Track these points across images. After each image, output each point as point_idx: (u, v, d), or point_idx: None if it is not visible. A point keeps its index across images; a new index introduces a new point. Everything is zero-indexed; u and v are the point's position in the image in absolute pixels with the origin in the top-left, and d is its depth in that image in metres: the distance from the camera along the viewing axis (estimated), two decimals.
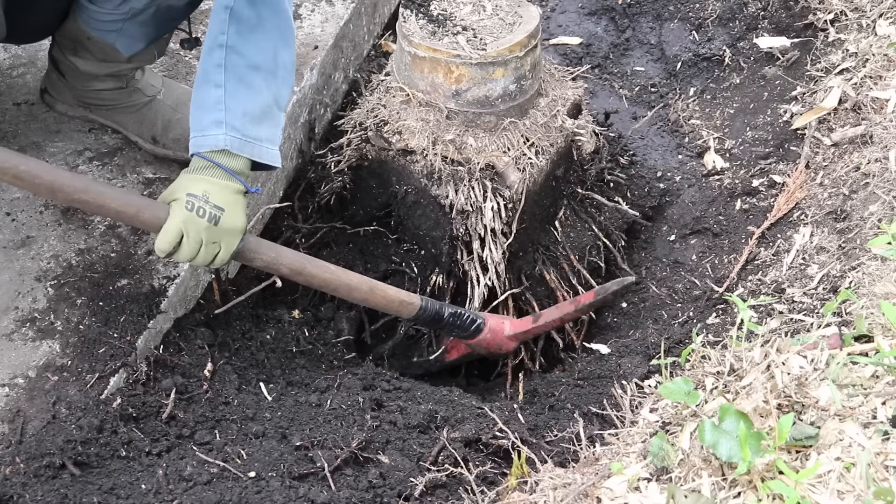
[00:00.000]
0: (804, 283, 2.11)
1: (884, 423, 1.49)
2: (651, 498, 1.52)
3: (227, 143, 1.82)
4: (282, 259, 1.97)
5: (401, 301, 2.14)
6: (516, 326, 2.28)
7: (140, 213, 1.83)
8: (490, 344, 2.29)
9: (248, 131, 1.85)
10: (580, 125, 2.50)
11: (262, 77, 1.87)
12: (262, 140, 1.87)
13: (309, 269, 2.00)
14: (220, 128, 1.82)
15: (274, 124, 1.91)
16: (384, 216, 2.57)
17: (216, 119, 1.82)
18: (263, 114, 1.88)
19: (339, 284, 2.06)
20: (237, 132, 1.83)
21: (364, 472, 1.85)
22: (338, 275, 2.06)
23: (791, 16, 2.98)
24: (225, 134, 1.82)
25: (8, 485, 1.69)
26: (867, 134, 2.37)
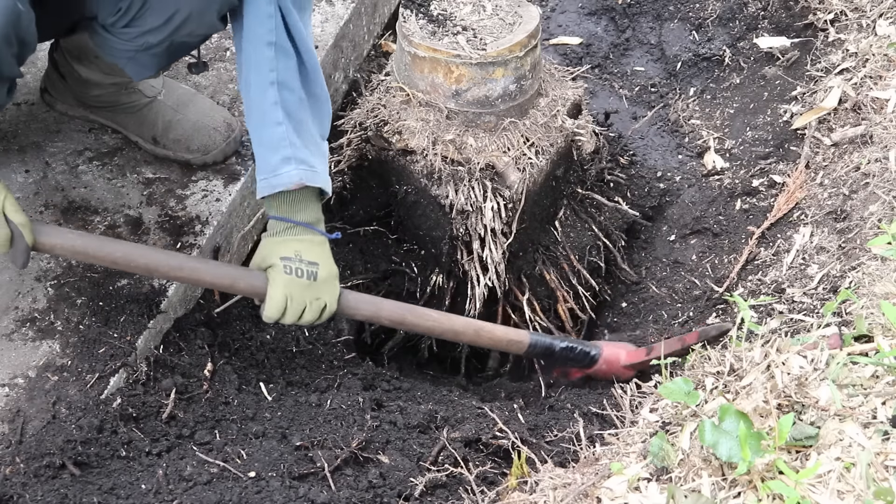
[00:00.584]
0: (804, 283, 2.11)
1: (884, 423, 1.49)
2: (651, 498, 1.52)
3: (301, 177, 1.84)
4: (382, 312, 2.02)
5: (509, 340, 2.14)
6: (632, 357, 2.22)
7: (236, 283, 1.91)
8: (605, 374, 2.25)
9: (313, 163, 1.87)
10: (580, 125, 2.50)
11: (308, 109, 1.89)
12: (321, 170, 1.90)
13: (409, 319, 2.03)
14: (289, 164, 1.84)
15: (322, 153, 1.93)
16: (384, 216, 2.57)
17: (285, 156, 1.84)
18: (315, 145, 1.90)
19: (444, 331, 2.08)
20: (306, 164, 1.85)
21: (364, 472, 1.85)
22: (441, 322, 2.07)
23: (791, 16, 2.98)
24: (296, 169, 1.84)
25: (8, 485, 1.69)
26: (867, 134, 2.37)
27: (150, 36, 1.87)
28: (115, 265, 1.88)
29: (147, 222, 2.17)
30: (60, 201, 2.18)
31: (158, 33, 1.86)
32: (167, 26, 1.84)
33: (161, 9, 1.81)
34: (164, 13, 1.82)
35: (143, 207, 2.20)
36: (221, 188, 2.26)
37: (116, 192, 2.22)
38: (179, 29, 1.85)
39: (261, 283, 1.89)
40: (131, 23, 1.86)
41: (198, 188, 2.26)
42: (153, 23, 1.84)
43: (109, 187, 2.22)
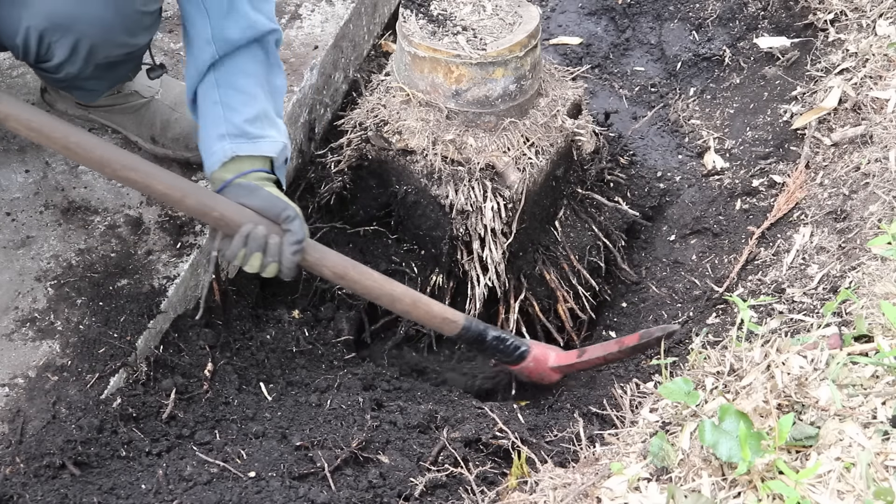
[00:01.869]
0: (804, 283, 2.11)
1: (884, 423, 1.49)
2: (651, 498, 1.52)
3: (235, 149, 1.83)
4: (325, 261, 1.94)
5: (444, 318, 2.09)
6: (561, 359, 2.20)
7: (185, 199, 1.81)
8: (532, 373, 2.22)
9: (251, 132, 1.86)
10: (580, 125, 2.50)
11: (254, 82, 1.89)
12: (265, 137, 1.88)
13: (351, 273, 1.97)
14: (223, 140, 1.84)
15: (274, 125, 1.93)
16: (384, 216, 2.57)
17: (220, 133, 1.85)
18: (264, 116, 1.90)
19: (382, 293, 2.02)
20: (242, 137, 1.85)
21: (364, 472, 1.85)
22: (381, 284, 2.02)
23: (791, 16, 2.98)
24: (231, 143, 1.84)
25: (8, 485, 1.69)
26: (867, 134, 2.37)
27: (68, 67, 1.83)
28: (66, 152, 1.77)
29: (147, 222, 2.17)
30: (60, 201, 2.18)
31: (72, 65, 1.82)
32: (76, 57, 1.80)
33: (62, 43, 1.77)
34: (66, 46, 1.77)
35: (143, 207, 2.20)
36: None
37: (116, 191, 2.22)
38: (92, 56, 1.81)
39: (211, 203, 1.81)
40: (43, 58, 1.82)
41: None
42: (61, 56, 1.79)
43: (109, 187, 2.22)
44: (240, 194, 1.84)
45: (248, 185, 1.85)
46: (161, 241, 2.14)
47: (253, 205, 1.83)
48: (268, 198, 1.84)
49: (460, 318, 2.11)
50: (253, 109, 1.88)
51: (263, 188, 1.85)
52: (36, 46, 1.78)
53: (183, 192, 1.80)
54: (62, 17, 1.71)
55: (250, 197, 1.83)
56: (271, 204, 1.83)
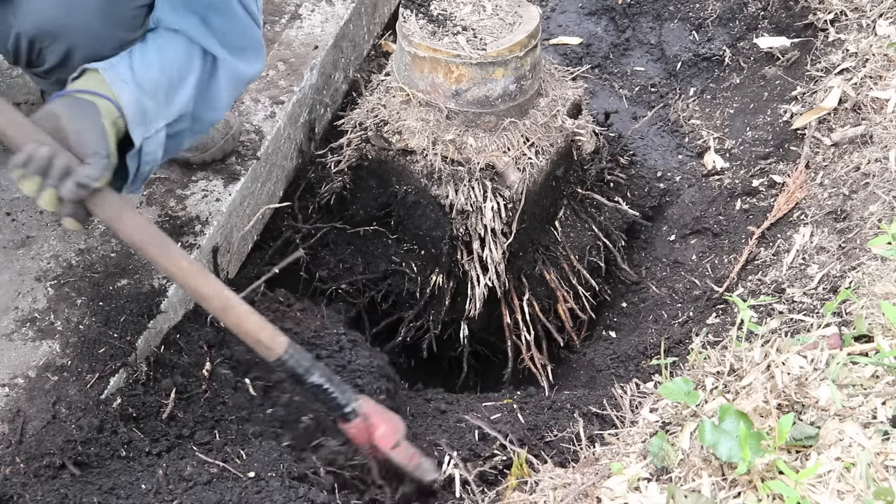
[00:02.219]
0: (804, 283, 2.11)
1: (884, 423, 1.49)
2: (651, 498, 1.52)
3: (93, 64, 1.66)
4: (121, 221, 1.63)
5: (257, 340, 1.75)
6: (382, 440, 1.84)
7: None
8: (354, 439, 1.87)
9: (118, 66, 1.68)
10: (580, 125, 2.50)
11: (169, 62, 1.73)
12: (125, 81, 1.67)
13: (151, 250, 1.66)
14: None
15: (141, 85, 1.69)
16: (384, 216, 2.57)
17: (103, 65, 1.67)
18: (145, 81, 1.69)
19: (185, 286, 1.71)
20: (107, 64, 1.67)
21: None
22: (186, 273, 1.68)
23: (791, 16, 2.98)
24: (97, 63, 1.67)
25: (8, 485, 1.69)
26: (867, 134, 2.37)
27: (58, 72, 1.79)
28: None
29: None
30: None
31: (64, 70, 1.77)
32: (69, 63, 1.76)
33: (53, 49, 1.74)
34: (56, 53, 1.74)
35: (143, 207, 2.20)
36: (221, 188, 2.26)
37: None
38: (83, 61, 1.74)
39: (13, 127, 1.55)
40: (33, 63, 1.80)
41: (198, 188, 2.26)
42: (52, 61, 1.77)
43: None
44: (63, 108, 1.60)
45: (82, 104, 1.61)
46: None
47: (69, 127, 1.57)
48: (89, 126, 1.58)
49: (279, 347, 1.76)
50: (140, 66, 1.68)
51: (94, 116, 1.60)
52: (27, 52, 1.77)
53: None
54: (52, 25, 1.70)
55: (71, 116, 1.59)
56: (86, 131, 1.58)
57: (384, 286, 2.61)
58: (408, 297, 2.60)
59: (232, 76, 1.82)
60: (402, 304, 2.64)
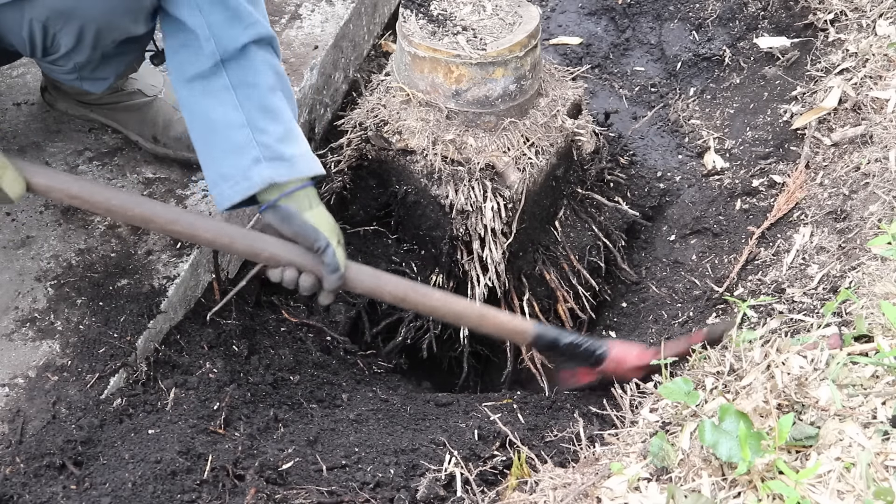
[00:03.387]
0: (804, 283, 2.11)
1: (884, 423, 1.49)
2: (651, 498, 1.52)
3: (273, 176, 1.79)
4: (384, 287, 1.94)
5: (513, 329, 2.07)
6: (641, 357, 2.11)
7: (234, 244, 1.85)
8: (613, 372, 2.13)
9: (285, 154, 1.82)
10: (580, 125, 2.50)
11: (273, 93, 1.84)
12: (300, 155, 1.85)
13: (412, 296, 1.96)
14: (259, 164, 1.79)
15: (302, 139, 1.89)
16: (384, 216, 2.57)
17: (254, 157, 1.79)
18: (290, 132, 1.85)
19: (447, 312, 2.01)
20: (278, 161, 1.80)
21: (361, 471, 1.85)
22: (445, 302, 2.00)
23: (791, 16, 2.98)
24: (268, 168, 1.79)
25: (8, 485, 1.69)
26: (867, 134, 2.37)
27: (75, 56, 1.83)
28: (110, 213, 1.83)
29: None
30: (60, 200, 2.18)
31: (79, 53, 1.81)
32: (83, 44, 1.79)
33: (67, 30, 1.76)
34: (71, 34, 1.76)
35: None
36: None
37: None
38: (98, 42, 1.80)
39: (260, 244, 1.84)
40: (49, 49, 1.82)
41: (198, 188, 2.26)
42: (68, 44, 1.79)
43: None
44: (277, 220, 1.83)
45: (287, 211, 1.82)
46: (161, 241, 2.14)
47: (287, 233, 1.83)
48: (302, 226, 1.82)
49: (530, 328, 2.07)
50: (281, 126, 1.83)
51: (300, 215, 1.82)
52: (42, 38, 1.78)
53: (231, 238, 1.85)
54: (63, 5, 1.72)
55: (284, 224, 1.83)
56: (304, 232, 1.82)
57: None
58: None
59: None
60: None
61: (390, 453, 1.91)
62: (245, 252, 1.86)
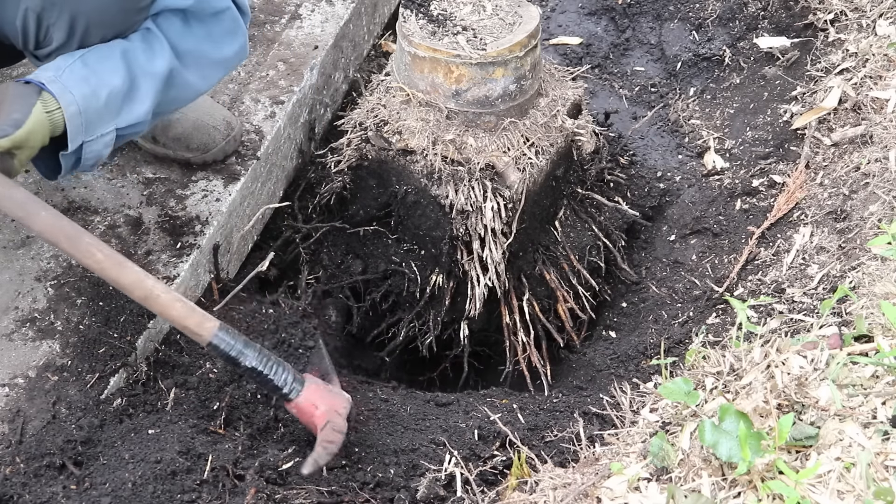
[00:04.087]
0: (804, 283, 2.11)
1: (884, 423, 1.49)
2: (651, 498, 1.52)
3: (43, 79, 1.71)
4: (33, 219, 1.68)
5: (185, 326, 1.76)
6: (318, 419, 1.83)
7: None
8: (299, 418, 1.87)
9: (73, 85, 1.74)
10: (580, 125, 2.50)
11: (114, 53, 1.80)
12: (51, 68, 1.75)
13: (64, 244, 1.69)
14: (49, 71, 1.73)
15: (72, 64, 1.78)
16: (384, 216, 2.57)
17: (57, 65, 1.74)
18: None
19: (107, 279, 1.72)
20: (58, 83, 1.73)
21: (361, 470, 1.85)
22: (104, 266, 1.70)
23: (791, 16, 2.98)
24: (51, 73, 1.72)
25: (8, 485, 1.69)
26: (867, 134, 2.37)
27: (65, 50, 1.82)
28: None
29: (147, 222, 2.17)
30: (60, 201, 2.18)
31: (70, 47, 1.81)
32: (74, 38, 1.79)
33: (60, 23, 1.76)
34: (63, 27, 1.77)
35: (143, 207, 2.20)
36: (221, 188, 2.26)
37: (116, 191, 2.22)
38: (88, 36, 1.80)
39: None
40: (42, 43, 1.82)
41: (198, 188, 2.26)
42: (60, 38, 1.79)
43: (109, 187, 2.22)
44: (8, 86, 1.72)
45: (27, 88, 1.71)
46: (161, 241, 2.14)
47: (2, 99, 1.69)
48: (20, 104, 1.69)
49: (207, 332, 1.75)
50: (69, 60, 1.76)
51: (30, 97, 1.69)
52: (35, 29, 1.79)
53: None
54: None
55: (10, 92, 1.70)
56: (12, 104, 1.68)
57: (384, 286, 2.61)
58: (408, 297, 2.60)
59: (202, 64, 1.91)
60: (402, 304, 2.64)
61: (390, 453, 1.91)
62: None
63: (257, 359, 1.79)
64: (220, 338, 1.76)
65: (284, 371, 1.82)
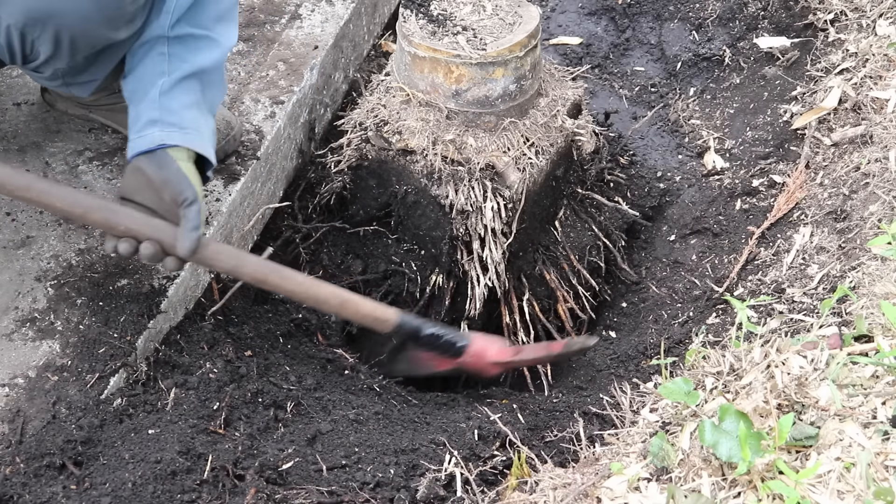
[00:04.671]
0: (804, 283, 2.11)
1: (884, 423, 1.49)
2: (651, 498, 1.52)
3: (164, 138, 1.78)
4: (244, 267, 1.90)
5: (375, 317, 2.04)
6: (500, 354, 2.17)
7: (88, 215, 1.77)
8: (471, 367, 2.19)
9: (183, 123, 1.81)
10: (580, 125, 2.50)
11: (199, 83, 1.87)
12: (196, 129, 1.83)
13: (272, 278, 1.92)
14: (154, 126, 1.79)
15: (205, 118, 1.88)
16: (384, 216, 2.57)
17: (151, 118, 1.79)
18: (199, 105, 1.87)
19: (307, 297, 1.98)
20: (173, 127, 1.79)
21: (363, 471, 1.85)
22: (305, 286, 1.97)
23: (791, 16, 2.98)
24: (161, 131, 1.78)
25: (8, 485, 1.69)
26: (867, 134, 2.37)
27: (54, 63, 1.82)
28: None
29: None
30: None
31: (59, 60, 1.81)
32: (61, 51, 1.78)
33: (44, 37, 1.75)
34: (48, 41, 1.75)
35: None
36: (221, 188, 2.26)
37: (116, 192, 2.22)
38: (77, 49, 1.79)
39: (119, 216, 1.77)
40: (29, 57, 1.81)
41: None
42: (46, 51, 1.78)
43: (109, 187, 2.22)
44: (151, 165, 1.78)
45: (164, 157, 1.78)
46: None
47: (156, 178, 1.77)
48: (176, 173, 1.77)
49: (392, 316, 2.05)
50: (192, 97, 1.84)
51: (176, 162, 1.77)
52: (20, 44, 1.77)
53: (85, 209, 1.77)
54: (39, 11, 1.70)
55: (157, 169, 1.77)
56: (176, 179, 1.76)
57: (384, 286, 2.61)
58: (408, 297, 2.60)
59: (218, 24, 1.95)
60: (402, 304, 2.64)
61: (390, 453, 1.91)
62: (100, 223, 1.78)
63: (433, 326, 2.11)
64: (402, 319, 2.05)
65: (453, 331, 2.14)
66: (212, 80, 1.91)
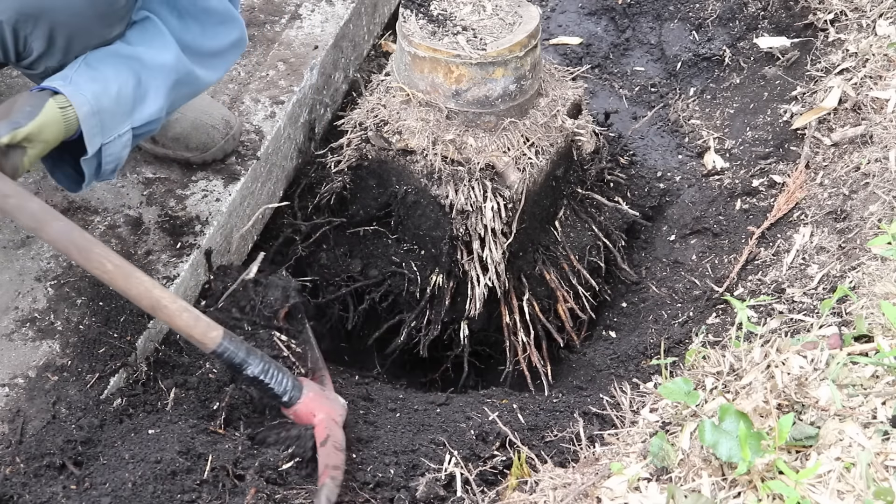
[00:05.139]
0: (804, 283, 2.11)
1: (884, 423, 1.49)
2: (651, 498, 1.52)
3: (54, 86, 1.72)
4: (46, 227, 1.68)
5: (190, 335, 1.78)
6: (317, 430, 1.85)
7: None
8: (298, 421, 1.88)
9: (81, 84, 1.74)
10: (580, 125, 2.50)
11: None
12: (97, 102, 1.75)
13: (75, 255, 1.70)
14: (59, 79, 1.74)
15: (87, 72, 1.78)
16: (384, 216, 2.57)
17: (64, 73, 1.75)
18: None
19: (118, 287, 1.73)
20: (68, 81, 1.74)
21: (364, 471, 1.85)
22: (114, 276, 1.71)
23: (791, 16, 2.98)
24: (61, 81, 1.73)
25: (8, 485, 1.69)
26: (867, 134, 2.37)
27: (46, 61, 1.81)
28: None
29: (147, 222, 2.17)
30: (60, 201, 2.18)
31: (51, 57, 1.80)
32: (55, 49, 1.78)
33: (37, 34, 1.74)
34: (41, 38, 1.75)
35: (143, 207, 2.20)
36: (221, 188, 2.26)
37: (116, 191, 2.22)
38: (70, 46, 1.78)
39: None
40: (22, 54, 1.80)
41: (198, 188, 2.26)
42: (39, 48, 1.77)
43: (109, 187, 2.22)
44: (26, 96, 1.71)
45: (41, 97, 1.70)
46: (161, 241, 2.14)
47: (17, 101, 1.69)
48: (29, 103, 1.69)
49: (211, 342, 1.78)
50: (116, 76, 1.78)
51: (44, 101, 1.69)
52: (13, 41, 1.77)
53: None
54: (31, 7, 1.70)
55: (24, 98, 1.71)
56: (20, 105, 1.69)
57: (384, 286, 2.61)
58: (408, 298, 2.60)
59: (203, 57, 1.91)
60: (402, 304, 2.64)
61: (390, 453, 1.91)
62: None
63: (259, 367, 1.82)
64: (223, 346, 1.79)
65: (284, 378, 1.85)
66: (151, 80, 1.82)
